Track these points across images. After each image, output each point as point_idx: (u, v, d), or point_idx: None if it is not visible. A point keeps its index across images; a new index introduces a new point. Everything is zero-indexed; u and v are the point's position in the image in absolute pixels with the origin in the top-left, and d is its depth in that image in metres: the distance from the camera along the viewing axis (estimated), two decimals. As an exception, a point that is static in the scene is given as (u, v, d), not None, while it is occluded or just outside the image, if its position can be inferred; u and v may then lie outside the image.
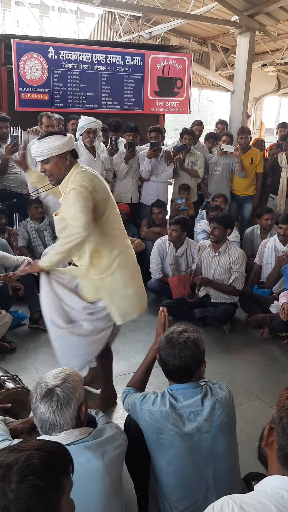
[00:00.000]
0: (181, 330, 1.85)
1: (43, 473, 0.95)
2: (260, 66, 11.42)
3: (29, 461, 0.95)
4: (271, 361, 3.70)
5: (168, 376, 1.88)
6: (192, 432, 1.72)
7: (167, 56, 6.86)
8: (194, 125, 6.26)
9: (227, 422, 1.78)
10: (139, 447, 1.80)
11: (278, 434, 1.22)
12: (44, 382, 1.54)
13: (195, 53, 11.47)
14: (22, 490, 0.92)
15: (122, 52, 6.50)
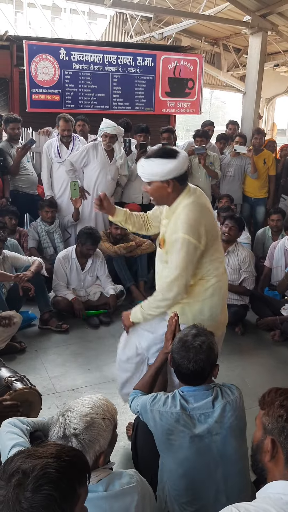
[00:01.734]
0: (196, 333, 1.84)
1: (59, 483, 0.92)
2: (272, 66, 11.34)
3: (45, 470, 0.92)
4: (282, 364, 3.66)
5: (180, 379, 1.87)
6: (203, 434, 1.72)
7: (179, 57, 6.85)
8: (206, 126, 6.23)
9: (237, 424, 1.77)
10: (147, 450, 1.79)
11: (283, 445, 1.20)
12: (65, 422, 1.38)
13: (207, 54, 11.43)
14: (37, 499, 0.90)
15: (133, 53, 6.50)
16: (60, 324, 3.99)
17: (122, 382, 2.59)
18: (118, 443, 2.54)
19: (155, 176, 2.16)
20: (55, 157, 4.96)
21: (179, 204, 2.21)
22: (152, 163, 2.15)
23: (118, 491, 1.40)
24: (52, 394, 3.11)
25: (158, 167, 2.13)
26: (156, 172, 2.14)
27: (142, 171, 2.19)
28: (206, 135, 5.76)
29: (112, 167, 4.87)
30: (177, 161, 2.14)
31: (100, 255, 4.40)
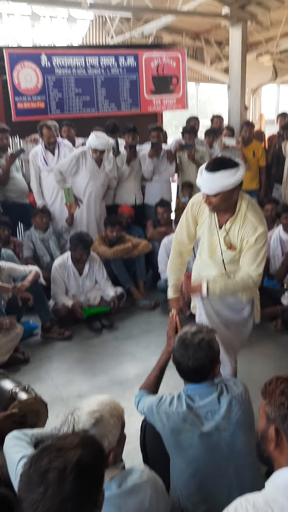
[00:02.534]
0: (195, 331, 1.85)
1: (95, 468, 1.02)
2: (255, 56, 11.33)
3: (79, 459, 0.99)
4: (287, 352, 3.65)
5: (182, 377, 1.87)
6: (211, 431, 1.71)
7: (161, 54, 6.82)
8: (191, 121, 6.22)
9: (244, 418, 1.77)
10: (156, 449, 1.79)
11: (286, 432, 1.22)
12: (74, 420, 1.41)
13: (189, 49, 11.40)
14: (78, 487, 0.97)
15: (115, 53, 6.48)
16: (62, 331, 3.98)
17: None
18: (128, 445, 2.52)
19: (226, 187, 2.26)
20: (42, 165, 4.94)
21: (241, 206, 2.40)
22: (221, 175, 2.24)
23: (130, 487, 1.42)
24: (59, 402, 3.09)
25: (229, 179, 2.24)
26: (228, 184, 2.25)
27: (212, 186, 2.26)
28: (194, 131, 5.76)
29: (102, 173, 4.88)
30: (241, 168, 2.28)
31: (96, 259, 4.39)
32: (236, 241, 2.45)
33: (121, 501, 1.39)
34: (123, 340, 3.94)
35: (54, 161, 4.91)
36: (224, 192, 2.28)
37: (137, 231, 5.15)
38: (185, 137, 5.63)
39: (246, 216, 2.39)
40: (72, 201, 4.62)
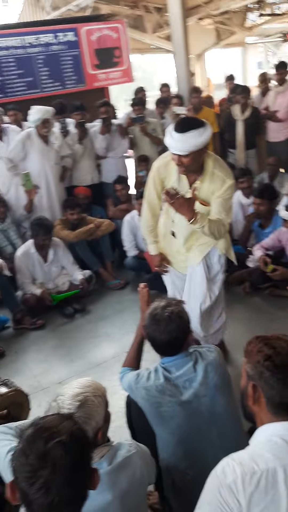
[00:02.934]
0: (164, 305, 1.86)
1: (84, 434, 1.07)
2: (196, 20, 11.19)
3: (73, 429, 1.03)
4: (256, 313, 3.76)
5: (158, 351, 1.89)
6: (191, 399, 1.76)
7: (100, 26, 6.63)
8: (138, 92, 6.12)
9: (222, 381, 1.82)
10: (142, 424, 1.82)
11: (263, 388, 1.28)
12: (59, 405, 1.42)
13: (129, 18, 11.11)
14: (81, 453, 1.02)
15: (53, 30, 6.24)
16: (34, 321, 3.93)
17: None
18: (113, 423, 2.56)
19: (197, 146, 2.33)
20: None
21: (208, 164, 2.50)
22: (191, 135, 2.30)
23: (120, 461, 1.46)
24: (40, 391, 3.09)
25: (199, 138, 2.31)
26: (199, 143, 2.32)
27: (183, 146, 2.31)
28: (143, 103, 5.68)
29: (51, 151, 4.74)
30: (208, 127, 2.37)
31: (60, 244, 4.32)
32: (208, 197, 2.57)
33: (114, 477, 1.42)
34: (97, 322, 3.94)
35: (3, 148, 4.73)
36: (195, 151, 2.35)
37: (98, 211, 5.09)
38: (134, 110, 5.55)
39: (213, 173, 2.50)
40: (31, 187, 4.49)
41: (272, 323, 3.54)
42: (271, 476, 1.16)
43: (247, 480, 1.16)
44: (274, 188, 4.36)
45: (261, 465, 1.18)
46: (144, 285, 2.24)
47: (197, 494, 1.29)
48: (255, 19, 13.39)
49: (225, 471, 1.20)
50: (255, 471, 1.17)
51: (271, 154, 5.60)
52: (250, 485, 1.16)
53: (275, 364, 1.25)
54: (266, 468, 1.17)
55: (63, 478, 0.96)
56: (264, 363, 1.27)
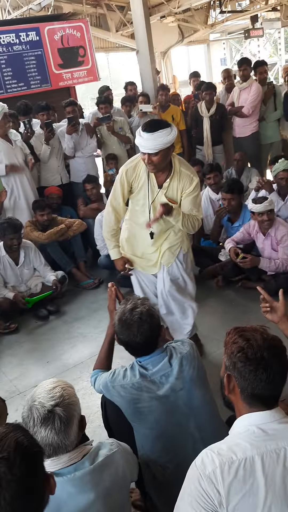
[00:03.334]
0: (132, 307, 1.85)
1: (32, 442, 1.04)
2: (159, 18, 11.22)
3: (18, 441, 1.00)
4: (231, 306, 3.82)
5: (134, 354, 1.89)
6: (167, 394, 1.77)
7: (63, 25, 6.57)
8: (103, 91, 6.10)
9: (197, 374, 1.84)
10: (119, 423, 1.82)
11: (237, 379, 1.30)
12: (40, 403, 1.39)
13: (91, 17, 11.07)
14: (27, 465, 0.98)
15: (15, 29, 6.14)
16: (7, 325, 3.87)
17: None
18: (92, 423, 2.57)
19: (165, 144, 2.47)
20: None
21: (175, 163, 2.66)
22: (159, 134, 2.44)
23: (102, 461, 1.46)
24: (17, 395, 3.05)
25: (167, 137, 2.45)
26: (167, 141, 2.47)
27: (153, 144, 2.45)
28: (109, 101, 5.66)
29: (17, 150, 4.65)
30: (173, 127, 2.53)
31: (31, 246, 4.26)
32: (175, 195, 2.72)
33: (96, 477, 1.42)
34: (72, 323, 3.92)
35: None
36: (164, 149, 2.48)
37: (68, 211, 5.05)
38: (100, 108, 5.52)
39: (180, 171, 2.67)
40: (1, 189, 4.40)
41: (245, 315, 3.59)
42: (249, 464, 1.18)
43: (225, 469, 1.18)
44: (241, 182, 4.43)
45: (239, 454, 1.20)
46: (112, 284, 2.23)
47: (178, 487, 1.30)
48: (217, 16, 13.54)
49: (204, 462, 1.22)
50: (233, 460, 1.19)
51: (238, 149, 5.69)
52: (229, 475, 1.17)
53: (247, 356, 1.27)
54: (244, 457, 1.19)
55: (12, 492, 0.94)
56: (237, 354, 1.29)
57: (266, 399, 1.27)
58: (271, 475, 1.17)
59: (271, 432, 1.23)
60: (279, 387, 1.28)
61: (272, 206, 3.73)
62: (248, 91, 5.58)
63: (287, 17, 13.21)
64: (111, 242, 2.94)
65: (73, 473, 1.39)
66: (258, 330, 1.34)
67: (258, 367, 1.25)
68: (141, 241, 2.89)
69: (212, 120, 5.69)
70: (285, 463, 1.18)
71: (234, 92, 5.83)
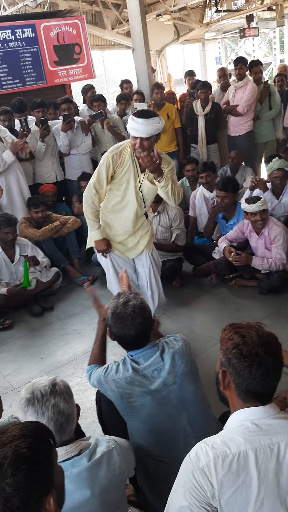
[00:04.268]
0: (124, 301, 1.87)
1: (35, 458, 0.97)
2: (155, 17, 11.22)
3: (17, 452, 0.96)
4: (224, 304, 3.84)
5: (126, 347, 1.91)
6: (159, 388, 1.79)
7: (59, 23, 6.55)
8: (88, 90, 6.10)
9: (189, 369, 1.86)
10: (113, 418, 1.84)
11: (232, 374, 1.31)
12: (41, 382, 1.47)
13: (87, 14, 11.05)
14: (19, 480, 0.93)
15: (10, 26, 6.11)
16: (1, 321, 3.88)
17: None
18: (86, 419, 2.59)
19: (157, 130, 2.73)
20: None
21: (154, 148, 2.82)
22: (153, 121, 2.68)
23: (100, 457, 1.47)
24: (10, 391, 3.06)
25: (158, 124, 2.71)
26: (158, 127, 2.72)
27: (148, 129, 2.67)
28: (103, 99, 5.65)
29: (7, 146, 4.62)
30: (160, 117, 2.75)
31: (28, 244, 4.26)
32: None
33: (93, 474, 1.43)
34: (66, 319, 3.93)
35: None
36: (154, 135, 2.73)
37: (63, 208, 5.06)
38: (94, 105, 5.52)
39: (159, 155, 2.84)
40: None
41: (239, 313, 3.63)
42: (242, 459, 1.19)
43: (219, 463, 1.19)
44: (236, 180, 4.45)
45: (232, 448, 1.21)
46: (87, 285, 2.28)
47: (170, 481, 1.31)
48: (213, 15, 13.56)
49: (198, 454, 1.23)
50: (227, 454, 1.20)
51: (232, 148, 5.71)
52: (223, 468, 1.19)
53: (242, 353, 1.28)
54: (237, 451, 1.20)
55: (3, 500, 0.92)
56: (232, 351, 1.29)
57: (261, 395, 1.28)
58: (264, 470, 1.19)
59: (265, 427, 1.24)
60: (273, 383, 1.29)
61: (265, 206, 3.74)
62: (244, 90, 5.61)
63: (282, 17, 13.28)
64: (95, 223, 3.07)
65: (70, 470, 1.40)
66: (253, 327, 1.34)
67: (253, 363, 1.26)
68: (121, 227, 3.09)
69: (207, 118, 5.71)
70: (278, 458, 1.20)
71: (229, 91, 5.85)
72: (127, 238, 3.13)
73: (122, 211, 3.04)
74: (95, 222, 3.07)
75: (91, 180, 2.96)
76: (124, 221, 3.07)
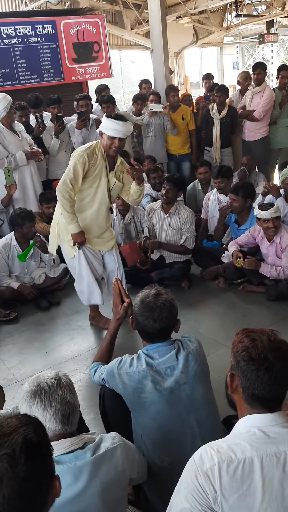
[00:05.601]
0: (156, 293, 1.91)
1: (42, 443, 1.01)
2: (175, 18, 11.23)
3: (26, 439, 0.98)
4: (231, 308, 3.83)
5: (146, 339, 1.92)
6: (171, 386, 1.80)
7: (79, 20, 6.58)
8: (102, 90, 6.07)
9: (201, 371, 1.87)
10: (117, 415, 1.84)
11: (240, 378, 1.30)
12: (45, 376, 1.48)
13: (108, 13, 11.09)
14: (31, 465, 0.95)
15: (31, 21, 6.16)
16: (7, 313, 3.89)
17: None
18: (88, 416, 2.59)
19: (130, 132, 3.22)
20: None
21: None
22: (129, 124, 3.13)
23: (104, 453, 1.48)
24: (14, 383, 3.07)
25: (131, 126, 3.19)
26: (131, 130, 3.22)
27: (125, 131, 3.08)
28: (112, 101, 5.66)
29: (23, 141, 4.65)
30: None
31: (40, 238, 4.27)
32: (121, 176, 3.35)
33: (94, 468, 1.43)
34: (72, 315, 3.94)
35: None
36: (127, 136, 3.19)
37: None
38: (103, 107, 5.55)
39: (118, 157, 3.34)
40: (12, 182, 4.42)
41: (245, 318, 3.62)
42: (247, 465, 1.18)
43: (224, 468, 1.18)
44: (252, 187, 4.38)
45: (238, 454, 1.19)
46: (116, 278, 2.27)
47: (173, 481, 1.31)
48: (233, 19, 13.54)
49: (202, 457, 1.22)
50: (232, 459, 1.19)
51: (246, 153, 5.70)
52: (227, 473, 1.17)
53: (250, 356, 1.27)
54: (243, 457, 1.19)
55: (11, 491, 0.92)
56: (241, 353, 1.29)
57: (267, 401, 1.27)
58: (269, 478, 1.17)
59: (272, 435, 1.23)
60: (281, 390, 1.27)
61: (278, 213, 3.70)
62: (261, 95, 5.60)
63: (302, 24, 13.20)
64: (74, 216, 3.19)
65: (74, 462, 1.41)
66: (266, 333, 1.33)
67: (261, 367, 1.25)
68: (95, 222, 3.34)
69: (223, 122, 5.70)
70: (284, 468, 1.18)
71: (246, 95, 5.84)
72: (103, 233, 3.43)
73: (94, 207, 3.29)
74: (74, 215, 3.20)
75: (65, 176, 3.10)
76: (97, 216, 3.33)
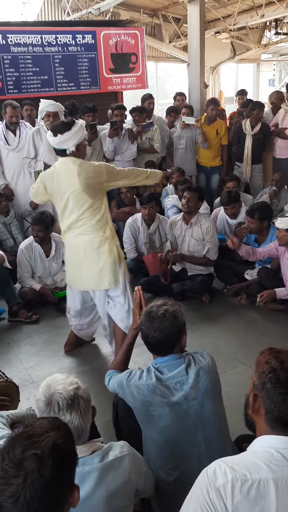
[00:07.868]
0: (160, 304, 1.90)
1: (70, 449, 1.04)
2: (213, 34, 11.30)
3: (55, 443, 1.00)
4: (251, 326, 3.78)
5: (150, 350, 1.92)
6: (180, 401, 1.77)
7: (119, 32, 6.72)
8: (146, 99, 6.16)
9: (212, 387, 1.84)
10: (129, 425, 1.84)
11: (263, 399, 1.26)
12: (63, 389, 1.44)
13: (147, 26, 11.24)
14: (57, 469, 0.97)
15: (72, 31, 6.33)
16: (29, 315, 3.95)
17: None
18: (101, 420, 2.58)
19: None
20: (4, 144, 4.81)
21: None
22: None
23: (111, 460, 1.47)
24: (30, 384, 3.10)
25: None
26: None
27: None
28: (140, 110, 5.73)
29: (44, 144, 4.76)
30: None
31: (63, 242, 4.33)
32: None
33: (101, 474, 1.43)
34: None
35: (15, 141, 4.80)
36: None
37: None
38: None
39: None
40: None
41: (266, 337, 3.56)
42: (262, 486, 1.14)
43: (237, 486, 1.14)
44: (269, 208, 4.26)
45: (253, 474, 1.16)
46: (138, 287, 2.26)
47: (179, 496, 1.28)
48: (271, 37, 13.52)
49: (216, 473, 1.18)
50: (246, 479, 1.15)
51: (276, 170, 5.66)
52: (240, 493, 1.14)
53: (278, 378, 1.24)
54: (258, 478, 1.15)
55: (33, 492, 0.93)
56: (268, 375, 1.25)
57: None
58: (283, 502, 1.13)
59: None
60: None
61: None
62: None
63: None
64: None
65: (82, 467, 1.41)
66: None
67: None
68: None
69: (255, 138, 5.69)
70: None
71: (279, 113, 5.82)
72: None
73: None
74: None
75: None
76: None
